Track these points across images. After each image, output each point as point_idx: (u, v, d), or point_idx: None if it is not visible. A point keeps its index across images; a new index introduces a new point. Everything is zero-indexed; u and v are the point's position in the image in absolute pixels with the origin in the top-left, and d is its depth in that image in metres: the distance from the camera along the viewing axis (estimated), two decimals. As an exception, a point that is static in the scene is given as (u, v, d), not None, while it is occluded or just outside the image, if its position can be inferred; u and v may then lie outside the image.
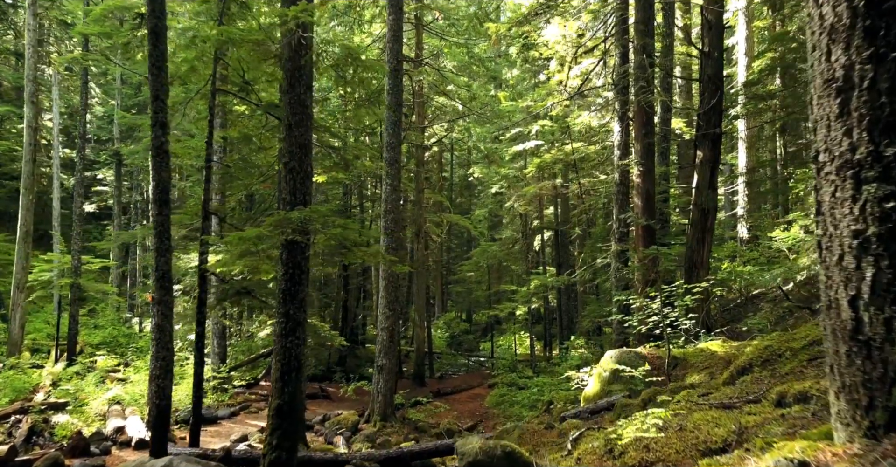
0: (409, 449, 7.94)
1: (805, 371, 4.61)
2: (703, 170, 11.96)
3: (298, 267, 6.70)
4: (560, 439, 6.48)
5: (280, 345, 6.61)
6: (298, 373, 6.63)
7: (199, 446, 8.54)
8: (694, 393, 5.12)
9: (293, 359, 6.59)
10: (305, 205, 6.71)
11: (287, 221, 6.21)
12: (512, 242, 27.96)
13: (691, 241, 12.15)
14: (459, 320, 34.18)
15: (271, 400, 6.50)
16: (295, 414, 6.55)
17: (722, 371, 7.18)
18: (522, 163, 25.01)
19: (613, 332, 12.59)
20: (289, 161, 6.84)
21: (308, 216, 6.37)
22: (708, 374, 7.19)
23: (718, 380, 6.07)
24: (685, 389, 6.26)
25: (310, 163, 7.00)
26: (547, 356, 23.15)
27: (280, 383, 6.52)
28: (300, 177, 6.83)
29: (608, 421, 7.03)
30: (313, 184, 21.72)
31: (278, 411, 6.45)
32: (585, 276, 14.92)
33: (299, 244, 6.60)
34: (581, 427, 6.86)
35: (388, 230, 14.10)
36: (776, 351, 5.29)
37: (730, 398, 4.32)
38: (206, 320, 8.75)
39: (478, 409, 17.25)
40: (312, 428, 13.22)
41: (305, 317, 6.81)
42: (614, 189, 13.40)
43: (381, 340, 14.05)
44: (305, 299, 6.79)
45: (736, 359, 7.37)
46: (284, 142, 6.91)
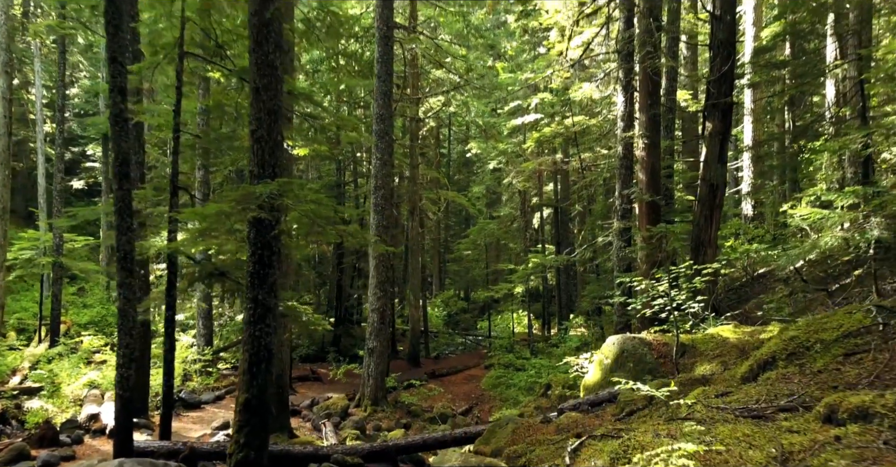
0: (394, 443, 7.36)
1: (843, 369, 3.97)
2: (712, 143, 11.22)
3: (268, 247, 6.03)
4: (557, 437, 5.87)
5: (248, 333, 5.97)
6: (269, 364, 6.00)
7: (171, 438, 7.96)
8: (710, 390, 4.49)
9: (262, 349, 5.95)
10: (276, 178, 6.00)
11: (251, 196, 5.52)
12: (510, 220, 27.27)
13: (698, 219, 11.45)
14: (457, 298, 33.66)
15: (238, 394, 5.88)
16: (265, 409, 5.93)
17: (736, 360, 6.56)
18: (521, 138, 24.17)
19: (615, 314, 11.98)
20: (256, 129, 6.11)
21: (275, 190, 5.67)
22: (720, 364, 6.57)
23: (735, 373, 5.43)
24: (698, 384, 5.63)
25: (280, 131, 6.27)
26: (545, 335, 22.63)
27: (248, 375, 5.89)
28: (269, 147, 6.11)
29: (610, 414, 6.43)
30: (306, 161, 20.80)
31: (246, 406, 5.83)
32: (586, 256, 14.28)
33: (268, 222, 5.91)
34: (581, 423, 6.27)
35: (379, 207, 13.40)
36: (803, 343, 4.64)
37: (756, 401, 3.68)
38: (175, 303, 8.11)
39: (473, 391, 16.75)
40: (300, 414, 12.70)
41: (277, 302, 6.16)
42: (617, 163, 12.66)
43: (372, 322, 13.46)
44: (277, 283, 6.12)
45: (751, 347, 6.74)
46: (252, 107, 6.18)
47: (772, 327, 7.32)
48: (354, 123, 8.57)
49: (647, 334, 7.94)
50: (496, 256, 30.98)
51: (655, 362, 7.33)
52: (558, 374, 14.40)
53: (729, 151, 21.63)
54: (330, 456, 7.25)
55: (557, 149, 22.10)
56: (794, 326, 5.17)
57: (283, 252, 9.99)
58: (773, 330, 7.18)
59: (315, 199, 5.91)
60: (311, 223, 5.95)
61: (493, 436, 6.69)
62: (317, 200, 5.90)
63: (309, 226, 5.93)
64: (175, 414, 11.87)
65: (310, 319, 9.59)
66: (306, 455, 7.33)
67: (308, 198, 5.98)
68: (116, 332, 7.26)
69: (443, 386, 17.00)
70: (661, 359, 7.38)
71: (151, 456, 7.35)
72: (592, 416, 6.51)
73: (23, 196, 33.75)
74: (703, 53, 24.96)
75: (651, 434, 3.43)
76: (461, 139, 37.82)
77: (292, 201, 5.95)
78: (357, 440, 9.18)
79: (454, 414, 13.57)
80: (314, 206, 5.91)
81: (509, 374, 17.24)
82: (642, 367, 7.32)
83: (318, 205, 5.88)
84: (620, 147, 12.52)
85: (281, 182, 5.73)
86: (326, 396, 14.46)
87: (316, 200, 5.91)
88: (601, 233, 15.68)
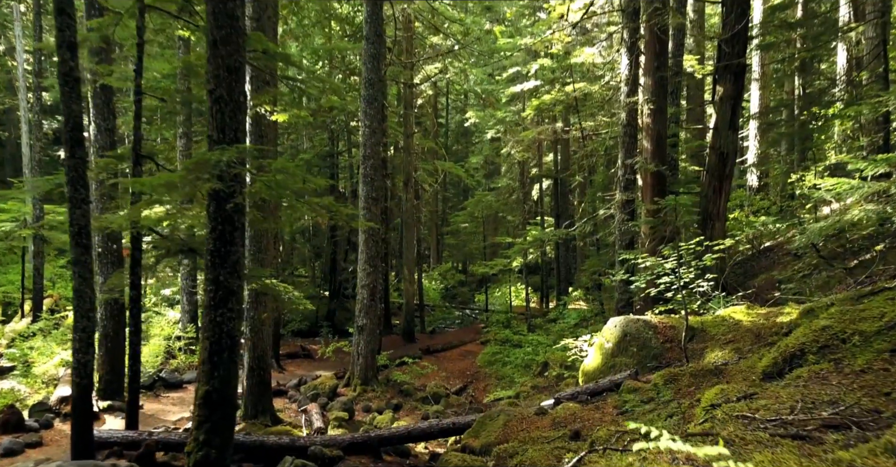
0: (376, 434, 6.80)
1: (892, 369, 3.33)
2: (723, 108, 10.44)
3: (230, 222, 5.34)
4: (553, 433, 5.29)
5: (209, 318, 5.33)
6: (232, 353, 5.38)
7: (138, 426, 7.41)
8: (730, 390, 3.86)
9: (225, 336, 5.32)
10: (238, 144, 5.29)
11: (206, 164, 4.82)
12: (509, 191, 26.51)
13: (706, 190, 10.76)
14: (455, 271, 33.09)
15: (198, 386, 5.28)
16: (229, 402, 5.33)
17: (751, 346, 5.95)
18: (520, 106, 23.24)
19: (616, 291, 11.36)
20: (214, 88, 5.36)
21: (234, 158, 4.96)
22: (733, 351, 5.96)
23: (754, 365, 4.81)
24: (711, 377, 5.02)
25: (242, 91, 5.53)
26: (544, 310, 22.11)
27: (208, 365, 5.27)
28: (229, 109, 5.38)
29: (612, 407, 5.84)
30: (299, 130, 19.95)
31: (206, 400, 5.23)
32: (586, 229, 13.61)
33: (230, 194, 5.22)
34: (579, 417, 5.68)
35: (369, 178, 12.68)
36: (838, 335, 4.01)
37: (791, 410, 3.05)
38: (140, 282, 7.47)
39: (469, 369, 16.26)
40: (286, 394, 12.19)
41: (241, 283, 5.50)
42: (620, 131, 11.89)
43: (362, 299, 12.86)
44: (241, 262, 5.46)
45: (768, 332, 6.13)
46: (209, 63, 5.43)
47: (789, 308, 6.69)
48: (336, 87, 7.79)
49: (652, 316, 7.32)
50: (494, 229, 30.31)
51: (661, 347, 6.73)
52: (556, 352, 13.88)
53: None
54: (307, 448, 6.70)
55: (558, 118, 21.22)
56: (825, 314, 4.52)
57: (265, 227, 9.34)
58: (790, 311, 6.56)
59: (282, 168, 5.21)
60: (278, 196, 5.25)
61: (483, 429, 6.12)
62: (283, 169, 5.19)
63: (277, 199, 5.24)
64: (155, 395, 11.37)
65: (291, 297, 8.97)
66: (282, 446, 6.78)
67: (274, 167, 5.28)
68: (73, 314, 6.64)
69: (437, 363, 16.51)
70: (667, 344, 6.78)
71: (113, 447, 6.80)
72: (592, 408, 5.92)
73: (12, 166, 32.95)
74: (710, 19, 23.92)
75: (667, 461, 2.81)
76: (459, 108, 36.81)
77: (256, 169, 5.24)
78: (341, 427, 8.65)
79: (447, 394, 13.07)
80: (281, 176, 5.21)
81: (506, 351, 16.74)
82: (646, 353, 6.72)
83: (286, 175, 5.18)
84: (624, 113, 11.73)
85: (241, 148, 5.02)
86: (315, 375, 13.97)
87: (282, 168, 5.20)
88: (602, 206, 14.98)
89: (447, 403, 12.60)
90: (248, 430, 7.90)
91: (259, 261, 9.75)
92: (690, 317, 7.07)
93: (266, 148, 8.62)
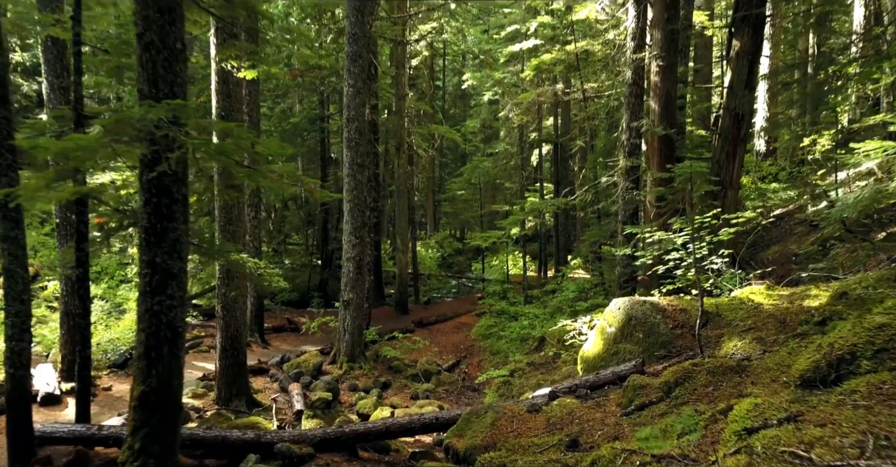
0: (350, 430, 6.10)
1: None
2: (740, 65, 9.48)
3: (167, 193, 4.51)
4: (547, 438, 4.57)
5: (144, 307, 4.54)
6: (173, 347, 4.61)
7: (90, 419, 6.71)
8: (766, 407, 3.09)
9: (164, 328, 4.54)
10: (175, 100, 4.40)
11: (127, 124, 3.96)
12: (507, 157, 25.52)
13: (718, 155, 9.88)
14: (453, 239, 32.31)
15: (134, 385, 4.52)
16: (171, 404, 4.59)
17: (775, 335, 5.18)
18: (519, 66, 22.09)
19: (619, 264, 10.59)
20: (143, 32, 4.45)
21: (165, 116, 4.09)
22: (755, 341, 5.19)
23: (787, 364, 4.05)
24: (732, 375, 4.26)
25: (180, 37, 4.61)
26: (541, 280, 21.40)
27: (145, 362, 4.50)
28: (162, 58, 4.47)
29: (615, 404, 5.11)
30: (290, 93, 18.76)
31: (143, 402, 4.48)
32: (587, 198, 12.75)
33: (153, 160, 4.36)
34: (577, 416, 4.95)
35: (353, 142, 11.75)
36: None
37: (862, 454, 2.29)
38: (88, 258, 6.68)
39: (462, 342, 15.63)
40: (267, 372, 11.53)
41: (184, 265, 4.70)
42: (625, 91, 10.92)
43: (348, 272, 12.09)
44: (182, 240, 4.64)
45: (794, 318, 5.35)
46: (136, 2, 4.51)
47: (815, 290, 5.91)
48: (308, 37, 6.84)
49: (660, 297, 6.54)
50: (492, 196, 29.41)
51: (670, 333, 5.97)
52: (553, 327, 13.22)
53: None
54: (274, 445, 6.00)
55: (558, 79, 20.11)
56: (879, 308, 3.73)
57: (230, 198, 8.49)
58: (818, 294, 5.78)
59: (226, 129, 4.34)
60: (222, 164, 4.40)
61: (468, 427, 5.40)
62: (228, 130, 4.33)
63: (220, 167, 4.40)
64: (127, 375, 10.69)
65: (262, 274, 8.20)
66: (246, 442, 6.09)
67: (218, 128, 4.41)
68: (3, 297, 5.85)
69: (430, 337, 15.88)
70: (677, 330, 6.02)
71: (57, 443, 6.11)
72: (592, 405, 5.20)
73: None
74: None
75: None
76: (457, 71, 35.45)
77: (196, 131, 4.38)
78: (316, 417, 7.96)
79: (439, 371, 12.44)
80: (231, 141, 4.34)
81: (502, 324, 16.09)
82: (654, 340, 5.97)
83: (233, 138, 4.32)
84: (629, 71, 10.74)
85: (175, 105, 4.14)
86: (301, 350, 13.31)
87: (227, 130, 4.33)
88: (604, 173, 14.09)
89: (438, 381, 11.97)
90: (214, 420, 7.22)
91: (230, 234, 8.94)
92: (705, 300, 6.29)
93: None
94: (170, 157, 3.90)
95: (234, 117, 8.91)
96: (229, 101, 8.88)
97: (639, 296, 10.78)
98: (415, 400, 10.92)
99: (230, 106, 8.88)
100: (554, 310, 15.05)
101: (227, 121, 8.69)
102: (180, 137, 3.99)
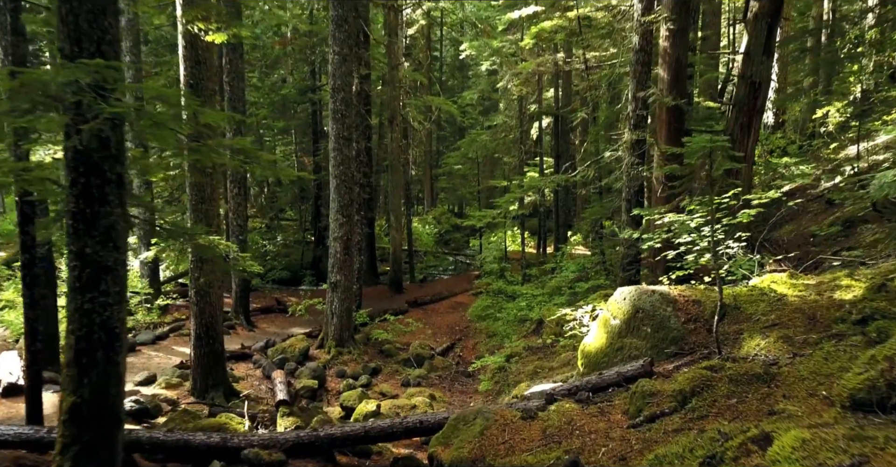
0: (326, 433, 5.51)
1: None
2: (758, 28, 8.69)
3: (98, 172, 3.82)
4: (544, 455, 3.97)
5: (74, 305, 3.89)
6: (110, 351, 3.97)
7: (44, 421, 6.12)
8: (816, 445, 2.47)
9: (98, 329, 3.90)
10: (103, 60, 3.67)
11: (34, 87, 3.26)
12: (506, 130, 24.63)
13: (732, 127, 9.15)
14: (451, 214, 31.58)
15: (63, 396, 3.90)
16: (108, 417, 3.98)
17: (805, 333, 4.54)
18: (518, 35, 21.11)
19: (622, 245, 9.92)
20: (62, -22, 3.72)
21: (87, 79, 3.38)
22: (781, 340, 4.55)
23: (831, 379, 3.42)
24: (758, 383, 3.63)
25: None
26: (540, 257, 20.76)
27: (75, 369, 3.87)
28: (86, 11, 3.72)
29: (621, 413, 4.50)
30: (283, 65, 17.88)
31: (74, 415, 3.85)
32: (589, 175, 12.01)
33: (96, 135, 3.66)
34: (577, 427, 4.34)
35: (339, 113, 10.99)
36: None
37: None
38: (35, 243, 6.03)
39: (458, 323, 15.07)
40: (251, 358, 10.96)
41: (121, 256, 4.03)
42: (632, 58, 10.10)
43: (335, 252, 11.45)
44: (117, 227, 3.96)
45: (825, 314, 4.71)
46: (53, -59, 3.76)
47: (847, 279, 5.25)
48: None
49: (671, 287, 5.88)
50: (490, 171, 28.58)
51: (682, 328, 5.33)
52: (552, 308, 12.62)
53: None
54: (241, 450, 5.43)
55: (559, 48, 19.18)
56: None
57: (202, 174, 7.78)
58: (850, 284, 5.12)
59: (160, 95, 3.63)
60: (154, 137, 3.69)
61: (455, 435, 4.80)
62: (164, 96, 3.61)
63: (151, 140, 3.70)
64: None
65: (236, 258, 7.53)
66: (210, 447, 5.51)
67: (155, 92, 3.70)
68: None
69: (424, 318, 15.32)
70: (690, 324, 5.38)
71: (2, 446, 5.53)
72: (595, 412, 4.58)
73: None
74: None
75: None
76: (455, 41, 34.27)
77: (135, 101, 3.66)
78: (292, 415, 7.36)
79: (432, 355, 11.89)
80: (163, 108, 3.63)
81: (499, 303, 15.51)
82: (664, 335, 5.34)
83: (170, 105, 3.61)
84: (637, 37, 9.90)
85: (96, 66, 3.42)
86: (288, 333, 12.74)
87: (163, 96, 3.62)
88: (607, 147, 13.33)
89: (431, 366, 11.43)
90: (180, 419, 6.63)
91: (202, 214, 8.25)
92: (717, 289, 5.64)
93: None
94: (82, 129, 3.19)
95: (205, 86, 8.15)
96: (199, 69, 8.10)
97: (643, 279, 10.15)
98: (406, 387, 10.38)
99: (200, 73, 8.11)
100: (553, 290, 14.44)
101: (196, 91, 7.93)
102: (97, 104, 3.28)
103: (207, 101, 8.21)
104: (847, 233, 8.14)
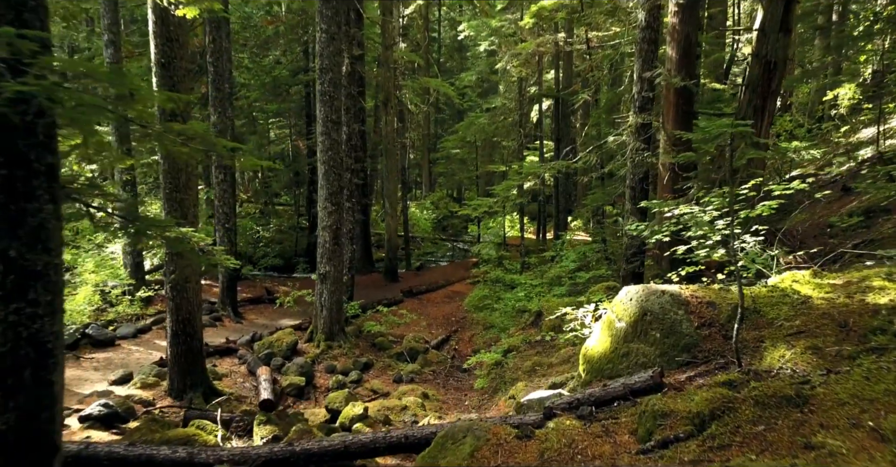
0: (302, 449, 5.02)
1: None
2: (774, 3, 8.05)
3: (24, 163, 3.27)
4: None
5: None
6: (41, 370, 3.45)
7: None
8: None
9: (25, 345, 3.37)
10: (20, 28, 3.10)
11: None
12: (505, 113, 23.95)
13: (744, 110, 8.53)
14: (449, 199, 30.96)
15: (-14, 421, 3.39)
16: (42, 445, 3.46)
17: (838, 343, 4.02)
18: (518, 14, 20.37)
19: (625, 236, 9.39)
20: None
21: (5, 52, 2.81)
22: (811, 351, 4.03)
23: (879, 410, 2.90)
24: (792, 417, 3.11)
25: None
26: (540, 244, 20.23)
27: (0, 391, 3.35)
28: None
29: (628, 432, 3.99)
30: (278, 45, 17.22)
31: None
32: (591, 161, 11.43)
33: (15, 118, 3.11)
34: (579, 449, 3.83)
35: (327, 96, 10.39)
36: None
37: None
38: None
39: (454, 314, 14.59)
40: (236, 353, 10.48)
41: (53, 259, 3.49)
42: (637, 36, 9.48)
43: (324, 242, 10.92)
44: (47, 225, 3.42)
45: (857, 321, 4.18)
46: None
47: (878, 280, 4.73)
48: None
49: (681, 286, 5.34)
50: (489, 155, 27.94)
51: (695, 334, 4.81)
52: (551, 298, 12.14)
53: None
54: (211, 465, 4.94)
55: (559, 28, 18.46)
56: None
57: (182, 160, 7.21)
58: (883, 285, 4.60)
59: (89, 71, 3.06)
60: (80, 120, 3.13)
61: (443, 455, 4.31)
62: (90, 72, 3.05)
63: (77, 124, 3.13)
64: (76, 358, 9.64)
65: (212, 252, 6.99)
66: (175, 463, 5.02)
67: (81, 67, 3.13)
68: None
69: (419, 308, 14.84)
70: (704, 329, 4.86)
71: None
72: (598, 431, 4.08)
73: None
74: None
75: None
76: (454, 22, 33.39)
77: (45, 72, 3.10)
78: (273, 421, 6.87)
79: (426, 349, 11.42)
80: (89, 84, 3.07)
81: (496, 292, 15.02)
82: (675, 341, 4.82)
83: (94, 79, 3.05)
84: (643, 13, 9.28)
85: (10, 35, 2.85)
86: (277, 326, 12.26)
87: (90, 72, 3.06)
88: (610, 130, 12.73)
89: (425, 360, 10.97)
90: (146, 429, 6.14)
91: (177, 203, 7.71)
92: (734, 290, 5.12)
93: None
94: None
95: (178, 66, 7.55)
96: (171, 46, 7.50)
97: (648, 271, 9.63)
98: (398, 383, 9.93)
99: (172, 52, 7.51)
100: (552, 279, 13.94)
101: (168, 70, 7.35)
102: (5, 82, 2.72)
103: (180, 81, 7.62)
104: (868, 224, 7.60)
